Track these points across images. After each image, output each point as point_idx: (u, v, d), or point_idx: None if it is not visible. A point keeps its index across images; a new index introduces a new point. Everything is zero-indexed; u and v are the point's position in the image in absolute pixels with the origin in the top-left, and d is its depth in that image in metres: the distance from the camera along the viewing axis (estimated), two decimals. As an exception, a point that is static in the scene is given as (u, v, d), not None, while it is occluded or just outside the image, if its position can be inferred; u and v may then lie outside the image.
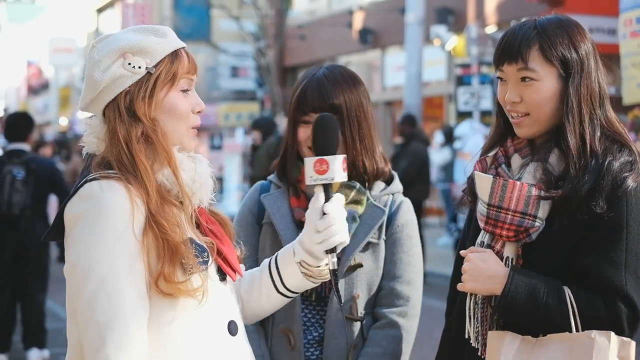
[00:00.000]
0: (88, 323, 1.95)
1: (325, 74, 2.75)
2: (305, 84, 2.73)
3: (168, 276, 1.99)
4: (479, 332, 2.33)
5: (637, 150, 2.30)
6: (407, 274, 2.75)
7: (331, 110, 2.69)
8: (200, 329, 2.07)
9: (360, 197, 2.75)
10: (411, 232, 2.80)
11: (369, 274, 2.73)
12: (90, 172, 2.06)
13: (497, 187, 2.28)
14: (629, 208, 2.22)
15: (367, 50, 22.68)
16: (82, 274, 1.97)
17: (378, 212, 2.75)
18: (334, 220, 2.22)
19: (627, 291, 2.19)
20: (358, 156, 2.74)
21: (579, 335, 2.16)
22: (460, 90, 14.26)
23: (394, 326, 2.71)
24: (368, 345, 2.70)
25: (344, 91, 2.72)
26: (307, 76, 2.77)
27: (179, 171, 2.08)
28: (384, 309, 2.73)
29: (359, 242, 2.71)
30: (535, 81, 2.28)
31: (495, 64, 2.37)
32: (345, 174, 2.25)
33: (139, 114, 2.06)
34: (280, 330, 2.73)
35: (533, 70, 2.28)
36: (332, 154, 2.24)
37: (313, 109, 2.70)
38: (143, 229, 2.00)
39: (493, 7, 17.93)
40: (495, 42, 2.44)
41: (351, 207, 2.73)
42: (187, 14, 27.92)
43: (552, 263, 2.26)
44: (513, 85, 2.32)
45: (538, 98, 2.29)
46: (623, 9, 6.44)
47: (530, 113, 2.31)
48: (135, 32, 2.13)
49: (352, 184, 2.74)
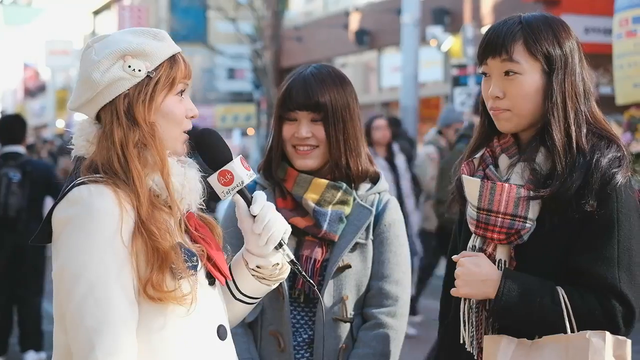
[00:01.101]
0: (77, 328, 1.94)
1: (313, 72, 2.74)
2: (292, 82, 2.73)
3: (156, 284, 1.97)
4: (474, 337, 2.32)
5: (624, 145, 2.29)
6: (395, 274, 2.74)
7: (316, 108, 2.69)
8: (190, 335, 2.05)
9: (347, 197, 2.75)
10: (398, 231, 2.80)
11: (358, 275, 2.73)
12: (78, 175, 2.04)
13: (486, 190, 2.27)
14: (619, 204, 2.21)
15: (364, 51, 22.67)
16: (71, 278, 1.95)
17: (365, 213, 2.75)
18: (265, 216, 2.17)
19: (621, 289, 2.18)
20: (341, 156, 2.73)
21: (574, 336, 2.16)
22: (457, 91, 14.27)
23: (383, 326, 2.71)
24: (358, 346, 2.70)
25: (330, 90, 2.72)
26: (294, 74, 2.77)
27: (171, 178, 2.07)
28: (373, 309, 2.73)
29: (347, 243, 2.71)
30: (519, 75, 2.27)
31: (479, 59, 2.36)
32: (251, 171, 2.18)
33: (138, 118, 2.04)
34: (269, 333, 2.72)
35: (517, 63, 2.27)
36: (229, 161, 2.16)
37: (298, 106, 2.70)
38: (132, 234, 1.98)
39: (489, 7, 17.93)
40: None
41: (338, 208, 2.73)
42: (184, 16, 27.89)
43: (545, 263, 2.25)
44: (496, 80, 2.30)
45: (521, 93, 2.27)
46: (618, 9, 6.42)
47: (511, 109, 2.29)
48: (134, 35, 2.11)
49: (339, 185, 2.74)
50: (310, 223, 2.72)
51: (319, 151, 2.73)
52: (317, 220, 2.71)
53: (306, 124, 2.72)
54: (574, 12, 12.62)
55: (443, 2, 18.72)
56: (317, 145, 2.73)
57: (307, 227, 2.72)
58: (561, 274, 2.23)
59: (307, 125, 2.72)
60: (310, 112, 2.71)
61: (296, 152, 2.74)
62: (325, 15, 24.27)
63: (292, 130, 2.72)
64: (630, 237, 2.21)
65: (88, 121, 2.12)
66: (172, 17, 28.27)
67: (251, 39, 24.79)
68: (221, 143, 2.19)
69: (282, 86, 2.78)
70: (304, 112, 2.71)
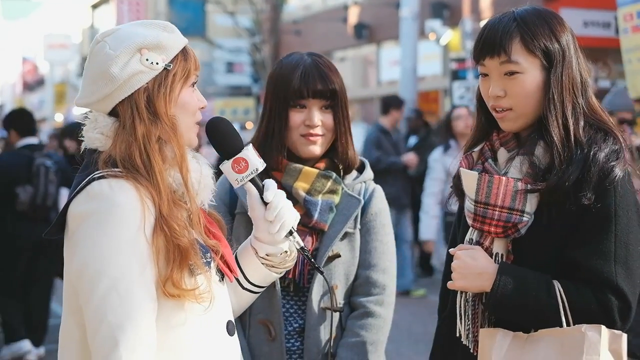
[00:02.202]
0: (100, 324, 1.92)
1: (319, 60, 2.75)
2: (304, 69, 2.72)
3: (176, 281, 1.97)
4: (469, 330, 2.33)
5: (621, 137, 2.29)
6: (382, 262, 2.77)
7: (332, 96, 2.71)
8: (205, 331, 2.06)
9: (337, 186, 2.76)
10: (384, 220, 2.82)
11: (346, 264, 2.75)
12: (95, 169, 2.01)
13: (483, 184, 2.27)
14: (617, 198, 2.20)
15: (362, 45, 22.66)
16: (94, 274, 1.93)
17: (354, 202, 2.77)
18: (278, 204, 2.20)
19: (617, 283, 2.18)
20: (345, 144, 2.77)
21: (570, 330, 2.16)
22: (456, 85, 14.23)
23: (371, 315, 2.73)
24: (347, 335, 2.72)
25: (338, 78, 2.75)
26: (297, 61, 2.75)
27: (190, 173, 2.07)
28: (361, 297, 2.75)
29: (336, 232, 2.72)
30: (520, 74, 2.27)
31: (475, 59, 2.34)
32: (261, 159, 2.20)
33: (160, 112, 2.03)
34: (259, 321, 2.73)
35: (517, 63, 2.26)
36: (241, 149, 2.19)
37: (314, 94, 2.70)
38: (153, 230, 1.97)
39: (488, 1, 17.92)
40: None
41: (328, 198, 2.74)
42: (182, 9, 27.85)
43: (542, 257, 2.25)
44: (496, 79, 2.30)
45: (523, 91, 2.27)
46: (621, 4, 6.42)
47: (513, 107, 2.29)
48: (145, 27, 2.09)
49: (329, 174, 2.75)
50: (301, 212, 2.72)
51: (324, 139, 2.75)
52: (307, 209, 2.72)
53: (317, 111, 2.72)
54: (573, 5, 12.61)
55: (442, -4, 18.69)
56: (323, 134, 2.74)
57: None
58: (558, 267, 2.23)
59: (319, 113, 2.73)
60: (322, 100, 2.72)
61: (306, 139, 2.73)
62: (324, 8, 24.23)
63: (302, 118, 2.72)
64: (627, 231, 2.21)
65: (101, 114, 2.08)
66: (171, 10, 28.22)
67: (250, 32, 24.76)
68: (233, 131, 2.22)
69: (284, 74, 2.74)
70: (316, 100, 2.72)
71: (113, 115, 2.08)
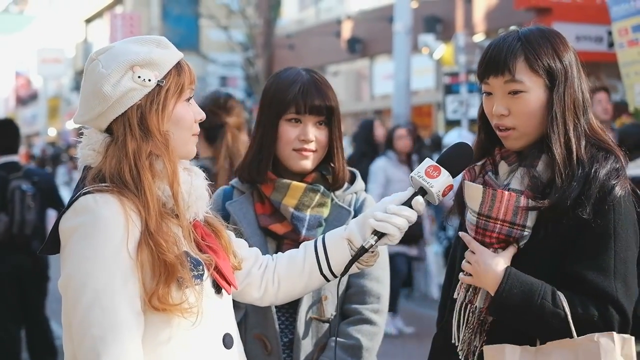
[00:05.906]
0: (83, 336, 1.94)
1: (315, 76, 2.76)
2: (301, 84, 2.72)
3: (162, 297, 1.98)
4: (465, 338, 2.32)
5: (622, 156, 2.30)
6: (375, 271, 2.77)
7: (328, 112, 2.72)
8: (195, 346, 2.05)
9: (325, 199, 2.77)
10: None
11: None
12: (85, 185, 2.04)
13: (488, 197, 2.28)
14: (617, 216, 2.22)
15: (356, 59, 22.72)
16: (77, 287, 1.95)
17: (344, 213, 2.78)
18: (405, 215, 2.24)
19: (618, 298, 2.19)
20: (337, 160, 2.78)
21: (582, 340, 2.16)
22: (449, 99, 14.30)
23: (367, 322, 2.74)
24: (342, 337, 2.70)
25: (333, 94, 2.77)
26: (295, 76, 2.75)
27: (180, 188, 2.07)
28: (357, 305, 2.75)
29: None
30: (524, 93, 2.28)
31: (479, 77, 2.37)
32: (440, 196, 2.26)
33: (152, 128, 2.04)
34: (254, 336, 2.73)
35: (520, 82, 2.28)
36: (451, 173, 2.26)
37: (311, 109, 2.71)
38: (138, 244, 1.98)
39: (481, 15, 18.00)
40: (483, 51, 2.43)
41: (317, 212, 2.75)
42: (176, 24, 27.93)
43: (539, 269, 2.26)
44: (500, 98, 2.32)
45: (527, 110, 2.29)
46: (615, 18, 6.45)
47: (516, 127, 2.31)
48: (138, 44, 2.10)
49: (316, 188, 2.76)
50: (289, 229, 2.74)
51: (316, 155, 2.76)
52: (295, 226, 2.73)
53: (312, 127, 2.73)
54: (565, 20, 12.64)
55: (435, 10, 18.78)
56: (316, 150, 2.75)
57: (286, 232, 2.75)
58: (555, 280, 2.24)
59: (314, 128, 2.73)
60: (318, 116, 2.73)
61: (299, 154, 2.74)
62: (317, 23, 24.31)
63: (296, 132, 2.72)
64: (626, 248, 2.23)
65: (94, 131, 2.11)
66: (164, 25, 28.29)
67: (243, 47, 24.80)
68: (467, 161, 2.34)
69: (280, 88, 2.75)
70: (312, 116, 2.72)
71: (109, 132, 2.09)
